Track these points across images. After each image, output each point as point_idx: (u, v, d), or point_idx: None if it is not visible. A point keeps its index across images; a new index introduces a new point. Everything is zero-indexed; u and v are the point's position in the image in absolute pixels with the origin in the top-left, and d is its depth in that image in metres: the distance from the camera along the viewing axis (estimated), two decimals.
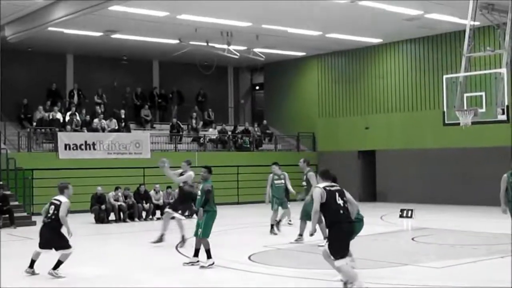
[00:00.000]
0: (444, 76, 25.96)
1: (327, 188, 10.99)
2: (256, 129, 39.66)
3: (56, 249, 13.51)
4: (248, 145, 37.76)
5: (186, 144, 36.39)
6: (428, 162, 33.08)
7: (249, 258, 15.87)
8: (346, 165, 35.63)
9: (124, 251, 18.23)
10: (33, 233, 17.25)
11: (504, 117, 23.63)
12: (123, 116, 34.65)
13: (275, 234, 20.10)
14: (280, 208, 20.88)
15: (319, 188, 11.03)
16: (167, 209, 18.68)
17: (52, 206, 13.67)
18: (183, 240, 17.81)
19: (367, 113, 36.81)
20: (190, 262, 14.64)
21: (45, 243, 13.60)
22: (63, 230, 13.58)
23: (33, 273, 13.58)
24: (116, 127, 33.58)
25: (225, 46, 32.13)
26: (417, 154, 33.63)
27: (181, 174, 18.19)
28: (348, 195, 11.35)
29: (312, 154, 38.49)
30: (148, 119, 37.12)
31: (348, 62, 37.99)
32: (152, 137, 34.12)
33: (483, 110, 23.78)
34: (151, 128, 36.70)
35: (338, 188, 11.20)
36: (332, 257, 10.93)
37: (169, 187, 27.72)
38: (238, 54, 32.82)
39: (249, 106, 46.20)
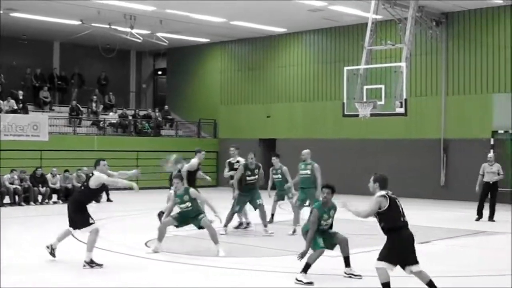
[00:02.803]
0: (345, 68, 26.33)
1: None
2: (157, 114, 39.34)
3: None
4: (149, 130, 37.45)
5: (86, 127, 35.80)
6: (328, 152, 33.39)
7: (145, 244, 15.82)
8: (247, 152, 35.65)
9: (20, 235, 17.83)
10: None
11: (402, 110, 24.15)
12: (21, 97, 33.75)
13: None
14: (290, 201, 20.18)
15: None
16: None
17: None
18: None
19: (269, 101, 36.99)
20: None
21: None
22: None
23: None
24: (15, 108, 32.70)
25: (128, 30, 31.77)
26: (317, 143, 33.87)
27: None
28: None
29: (213, 141, 38.51)
30: (47, 101, 36.26)
31: (252, 50, 38.06)
32: (51, 120, 33.36)
33: (382, 102, 24.25)
34: (50, 110, 35.87)
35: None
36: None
37: (66, 170, 27.25)
38: (141, 38, 32.51)
39: (151, 91, 45.83)
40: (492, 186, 21.78)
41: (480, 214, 21.86)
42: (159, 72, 45.61)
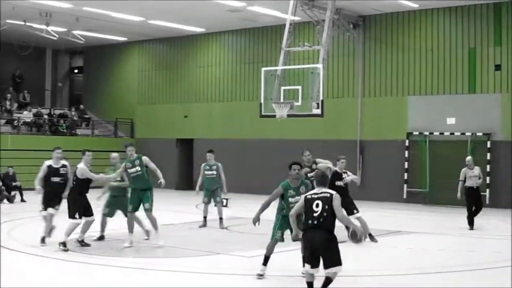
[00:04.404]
0: (263, 69, 26.38)
1: None
2: (73, 113, 38.74)
3: None
4: (64, 130, 36.85)
5: None
6: (246, 152, 33.52)
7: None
8: (164, 152, 35.57)
9: None
10: None
11: (318, 111, 24.31)
12: None
13: (223, 228, 19.30)
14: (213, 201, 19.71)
15: None
16: None
17: None
18: None
19: (187, 101, 36.82)
20: None
21: None
22: None
23: None
24: None
25: (43, 27, 31.19)
26: (235, 144, 33.96)
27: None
28: None
29: (130, 140, 38.10)
30: None
31: (170, 50, 37.84)
32: None
33: (299, 103, 24.35)
34: None
35: None
36: None
37: None
38: (57, 35, 31.96)
39: (67, 89, 45.08)
40: (477, 190, 20.21)
41: (471, 224, 19.95)
42: (76, 71, 44.94)
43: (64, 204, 15.24)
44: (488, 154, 26.60)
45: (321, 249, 9.99)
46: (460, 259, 14.67)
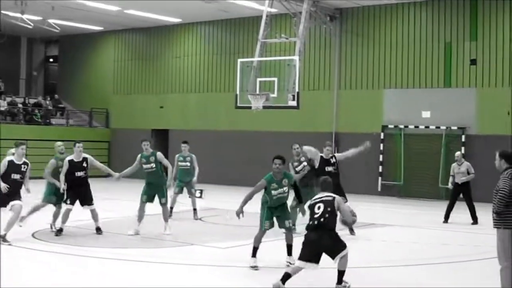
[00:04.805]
0: (239, 60, 26.33)
1: None
2: (48, 102, 38.49)
3: None
4: (39, 119, 36.61)
5: None
6: (221, 144, 33.49)
7: (32, 235, 15.51)
8: (139, 143, 35.38)
9: None
10: None
11: (294, 103, 24.31)
12: None
13: (197, 219, 19.24)
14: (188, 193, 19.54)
15: None
16: None
17: None
18: None
19: (163, 92, 36.71)
20: None
21: None
22: None
23: None
24: None
25: (18, 15, 30.91)
26: (211, 135, 33.93)
27: None
28: None
29: (105, 130, 38.01)
30: None
31: (146, 40, 37.67)
32: None
33: (275, 95, 24.31)
34: None
35: None
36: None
37: None
38: (32, 24, 31.70)
39: (42, 78, 44.77)
40: (462, 187, 19.99)
41: (446, 218, 20.05)
42: (51, 60, 44.61)
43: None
44: (463, 148, 26.74)
45: (324, 247, 10.44)
46: (433, 252, 14.74)
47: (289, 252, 12.46)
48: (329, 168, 16.70)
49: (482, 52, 27.52)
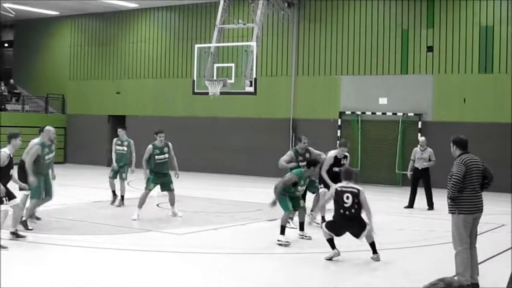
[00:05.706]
0: (196, 45, 26.19)
1: None
2: (3, 88, 37.96)
3: None
4: None
5: None
6: (178, 130, 33.28)
7: None
8: (96, 129, 35.25)
9: None
10: None
11: (251, 89, 24.24)
12: None
13: (120, 206, 18.88)
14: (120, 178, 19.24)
15: None
16: None
17: None
18: None
19: (119, 77, 36.41)
20: None
21: None
22: None
23: None
24: None
25: None
26: (167, 121, 33.69)
27: None
28: None
29: (61, 116, 37.60)
30: None
31: (103, 25, 37.30)
32: None
33: (232, 81, 24.24)
34: None
35: None
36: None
37: None
38: None
39: None
40: (422, 172, 20.17)
41: (410, 203, 20.24)
42: (6, 45, 44.02)
43: None
44: (419, 135, 26.93)
45: (350, 231, 12.19)
46: (388, 237, 14.79)
47: (301, 228, 14.33)
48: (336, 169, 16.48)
49: (439, 39, 27.72)
